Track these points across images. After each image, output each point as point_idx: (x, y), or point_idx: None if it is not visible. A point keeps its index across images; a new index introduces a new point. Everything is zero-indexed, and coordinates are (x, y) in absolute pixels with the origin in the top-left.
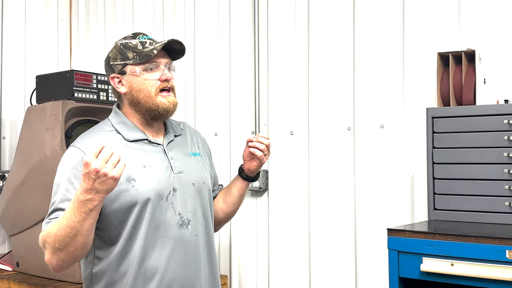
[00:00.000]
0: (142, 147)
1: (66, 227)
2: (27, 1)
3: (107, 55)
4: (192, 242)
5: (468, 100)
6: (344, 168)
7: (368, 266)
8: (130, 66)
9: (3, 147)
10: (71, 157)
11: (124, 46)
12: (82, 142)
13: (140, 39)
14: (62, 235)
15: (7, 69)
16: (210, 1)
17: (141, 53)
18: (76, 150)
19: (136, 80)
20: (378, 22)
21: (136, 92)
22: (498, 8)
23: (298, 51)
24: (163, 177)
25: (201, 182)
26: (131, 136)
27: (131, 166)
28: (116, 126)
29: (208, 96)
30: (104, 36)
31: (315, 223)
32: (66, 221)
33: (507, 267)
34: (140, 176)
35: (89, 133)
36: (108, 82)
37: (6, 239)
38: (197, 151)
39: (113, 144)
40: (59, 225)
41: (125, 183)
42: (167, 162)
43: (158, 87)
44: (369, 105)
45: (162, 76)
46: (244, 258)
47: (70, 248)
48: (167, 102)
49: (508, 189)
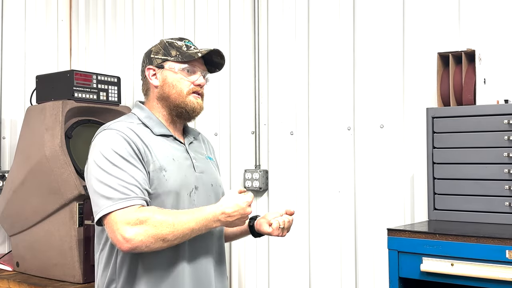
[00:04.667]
0: (169, 142)
1: (188, 229)
2: (27, 1)
3: (149, 49)
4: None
5: (468, 100)
6: (344, 168)
7: (368, 266)
8: (170, 63)
9: (3, 147)
10: (113, 140)
11: (169, 44)
12: (116, 127)
13: (186, 43)
14: (180, 232)
15: (7, 69)
16: (210, 1)
17: (184, 53)
18: (114, 132)
19: (172, 76)
20: (378, 22)
21: (168, 87)
22: (498, 8)
23: (298, 51)
24: (189, 173)
25: (217, 184)
26: (158, 130)
27: (163, 157)
28: (144, 120)
29: (208, 96)
30: (104, 36)
31: (315, 223)
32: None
33: (507, 267)
34: (170, 168)
35: (118, 121)
36: (142, 73)
37: (6, 239)
38: (211, 156)
39: (143, 134)
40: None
41: (157, 171)
42: (189, 160)
43: (191, 89)
44: (369, 105)
45: (197, 80)
46: (244, 258)
47: (172, 244)
48: (196, 102)
49: (508, 189)
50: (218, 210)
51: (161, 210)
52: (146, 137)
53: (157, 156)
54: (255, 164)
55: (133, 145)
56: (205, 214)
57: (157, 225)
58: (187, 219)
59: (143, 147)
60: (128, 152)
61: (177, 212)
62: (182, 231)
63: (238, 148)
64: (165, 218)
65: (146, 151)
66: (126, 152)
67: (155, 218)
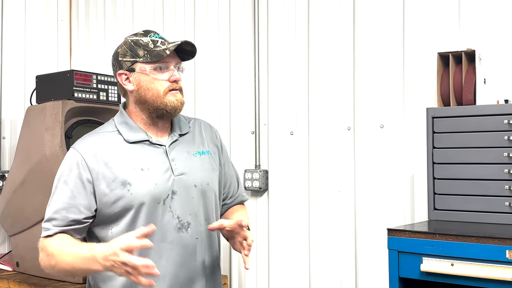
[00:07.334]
0: (143, 148)
1: (69, 265)
2: (27, 1)
3: (116, 51)
4: (191, 245)
5: (468, 100)
6: (344, 168)
7: (368, 266)
8: (140, 64)
9: (3, 147)
10: (68, 160)
11: (134, 43)
12: (82, 143)
13: (152, 38)
14: (63, 267)
15: (7, 69)
16: (210, 1)
17: (152, 52)
18: (74, 152)
19: (145, 79)
20: (378, 22)
21: (144, 90)
22: (498, 8)
23: (298, 51)
24: (161, 180)
25: (204, 183)
26: (132, 137)
27: (128, 170)
28: (118, 127)
29: (208, 96)
30: (104, 36)
31: (315, 223)
32: (72, 260)
33: (507, 267)
34: (136, 180)
35: (92, 134)
36: (115, 77)
37: (6, 239)
38: (206, 149)
39: (112, 146)
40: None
41: (120, 188)
42: (167, 163)
43: (167, 87)
44: (369, 105)
45: (171, 77)
46: None
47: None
48: (175, 100)
49: (508, 189)
50: (98, 250)
51: (59, 241)
52: (113, 150)
53: (120, 170)
54: (255, 164)
55: (83, 171)
56: (87, 253)
57: (48, 254)
58: (71, 254)
59: (101, 167)
60: (73, 179)
61: (70, 245)
62: (63, 266)
63: (238, 148)
64: (53, 250)
65: (103, 170)
66: (72, 177)
67: (48, 248)
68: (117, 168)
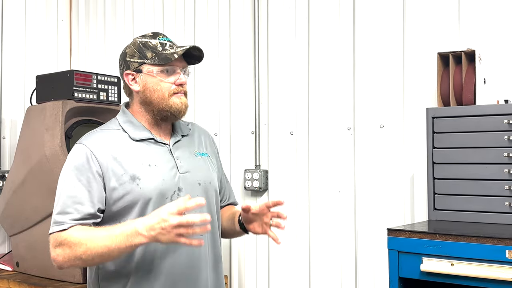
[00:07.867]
0: (148, 146)
1: (103, 247)
2: (27, 1)
3: (123, 51)
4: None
5: (468, 100)
6: (344, 168)
7: (368, 266)
8: (147, 66)
9: (3, 147)
10: (76, 156)
11: (143, 44)
12: (88, 139)
13: (160, 40)
14: (95, 252)
15: (7, 69)
16: (210, 1)
17: (160, 54)
18: (81, 146)
19: (151, 80)
20: (378, 22)
21: (150, 92)
22: (498, 8)
23: (298, 51)
24: (168, 176)
25: (207, 182)
26: (137, 135)
27: (137, 165)
28: (123, 125)
29: (208, 96)
30: (104, 36)
31: (315, 223)
32: (107, 241)
33: (507, 267)
34: (145, 175)
35: (97, 130)
36: (121, 77)
37: (6, 239)
38: (205, 151)
39: (118, 142)
40: (96, 239)
41: (129, 182)
42: (172, 162)
43: (172, 90)
44: (369, 105)
45: (177, 80)
46: (244, 258)
47: (93, 263)
48: (179, 102)
49: (508, 189)
50: (139, 223)
51: (82, 230)
52: (120, 146)
53: (129, 165)
54: (255, 164)
55: (93, 164)
56: (124, 230)
57: (71, 245)
58: (103, 236)
59: (110, 161)
60: (85, 172)
61: (97, 230)
62: (95, 250)
63: (238, 148)
64: (80, 238)
65: (112, 165)
66: (83, 171)
67: (71, 238)
68: (126, 163)
